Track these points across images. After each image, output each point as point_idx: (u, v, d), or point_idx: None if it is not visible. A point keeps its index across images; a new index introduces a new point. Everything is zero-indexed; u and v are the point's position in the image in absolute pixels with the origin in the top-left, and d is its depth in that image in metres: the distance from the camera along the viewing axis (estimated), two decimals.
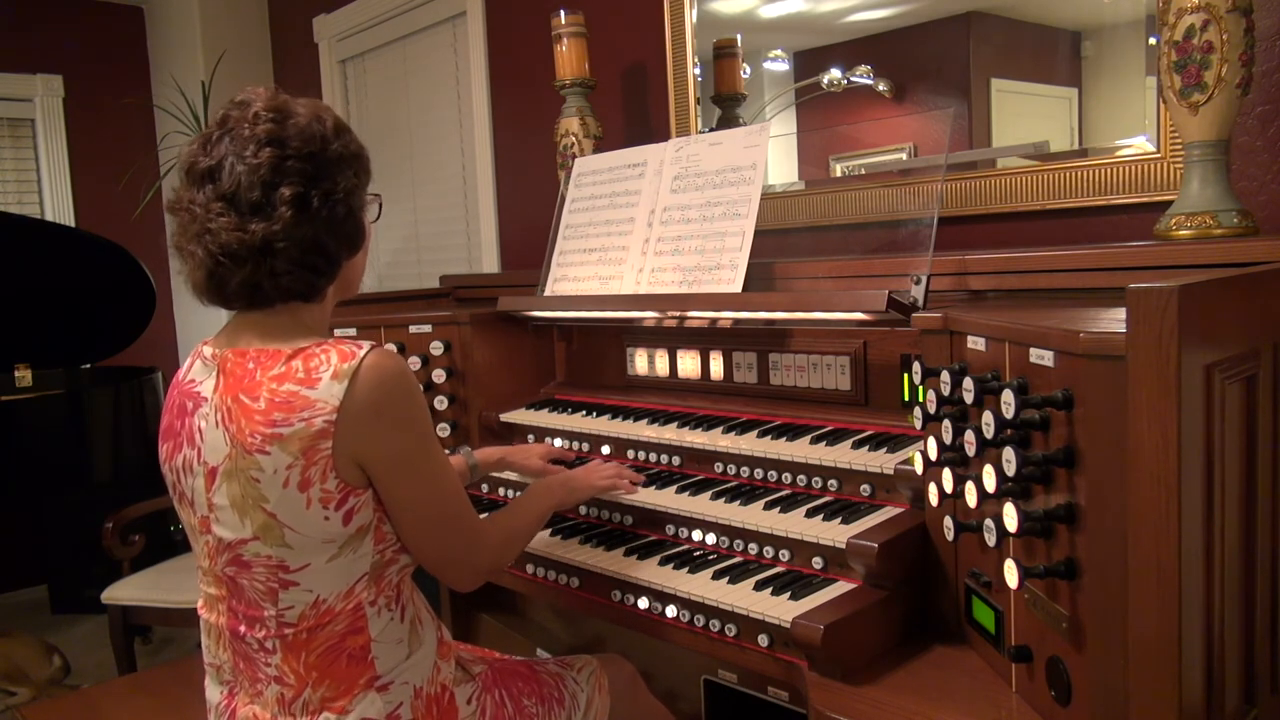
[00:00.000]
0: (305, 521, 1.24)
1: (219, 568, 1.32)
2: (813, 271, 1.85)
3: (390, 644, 1.33)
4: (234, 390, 1.27)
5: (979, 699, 1.26)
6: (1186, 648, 0.96)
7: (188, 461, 1.31)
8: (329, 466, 1.23)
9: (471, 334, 2.26)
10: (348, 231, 1.34)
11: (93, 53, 4.65)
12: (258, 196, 1.25)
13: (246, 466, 1.24)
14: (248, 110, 1.28)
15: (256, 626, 1.30)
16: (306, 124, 1.29)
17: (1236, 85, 1.43)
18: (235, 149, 1.26)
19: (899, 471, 1.53)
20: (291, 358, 1.26)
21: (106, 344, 4.00)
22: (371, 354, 1.26)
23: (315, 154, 1.28)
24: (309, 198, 1.27)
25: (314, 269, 1.31)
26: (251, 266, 1.26)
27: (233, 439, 1.25)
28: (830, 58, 2.25)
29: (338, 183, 1.30)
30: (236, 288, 1.28)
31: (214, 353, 1.33)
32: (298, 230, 1.26)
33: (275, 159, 1.25)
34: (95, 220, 4.45)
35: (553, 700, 1.54)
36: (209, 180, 1.27)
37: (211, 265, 1.27)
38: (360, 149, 1.37)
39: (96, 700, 2.19)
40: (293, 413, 1.22)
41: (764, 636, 1.44)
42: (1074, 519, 1.10)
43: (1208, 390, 0.99)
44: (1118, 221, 1.80)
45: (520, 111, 3.25)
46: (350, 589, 1.29)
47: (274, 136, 1.26)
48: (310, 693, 1.29)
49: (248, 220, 1.25)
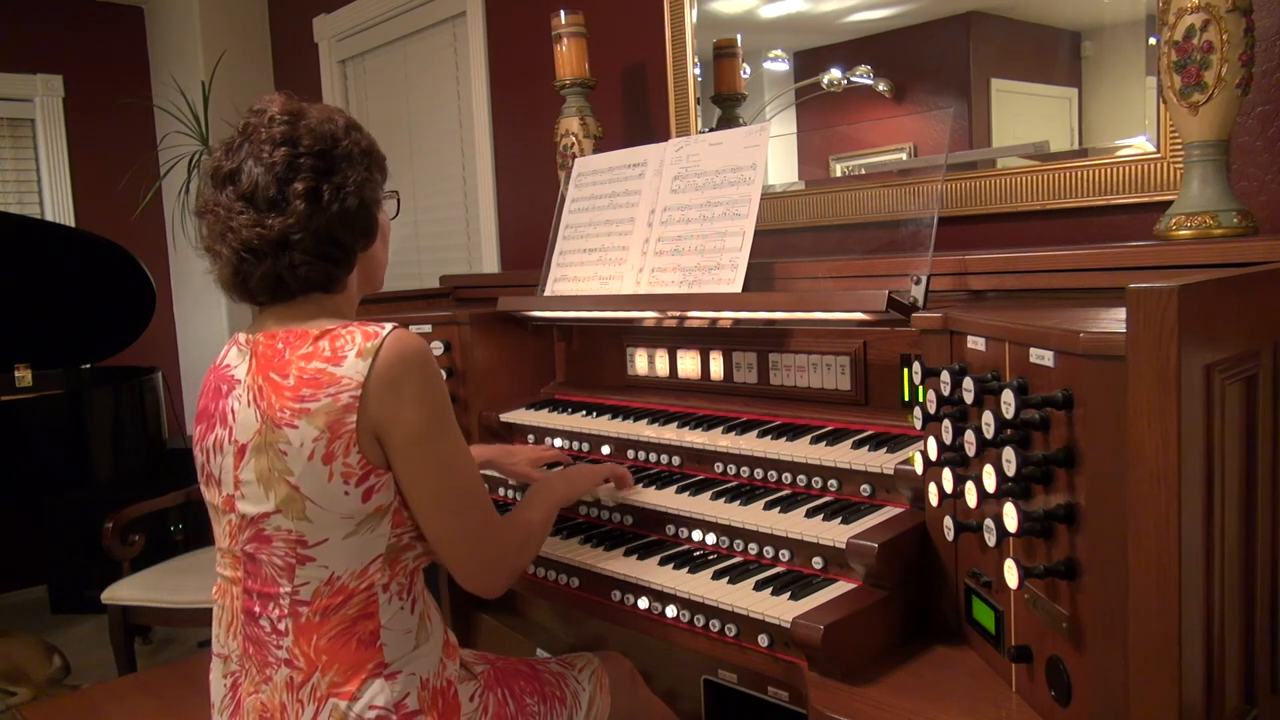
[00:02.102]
0: (326, 495, 1.29)
1: (239, 545, 1.36)
2: (813, 271, 1.85)
3: (399, 632, 1.35)
4: (265, 370, 1.33)
5: (979, 699, 1.26)
6: (1186, 648, 0.97)
7: (219, 441, 1.37)
8: (352, 441, 1.28)
9: (471, 334, 2.26)
10: (360, 222, 1.41)
11: (93, 53, 4.65)
12: (274, 193, 1.33)
13: (275, 440, 1.29)
14: (264, 116, 1.37)
15: (270, 605, 1.33)
16: (318, 123, 1.38)
17: (1236, 85, 1.43)
18: (253, 151, 1.35)
19: (899, 471, 1.53)
20: (319, 338, 1.33)
21: (106, 344, 4.00)
22: (394, 332, 1.33)
23: (326, 150, 1.36)
24: (320, 191, 1.35)
25: (330, 259, 1.37)
26: (271, 260, 1.34)
27: (263, 415, 1.31)
28: (830, 58, 2.25)
29: (348, 176, 1.38)
30: (259, 281, 1.36)
31: (248, 339, 1.40)
32: (311, 222, 1.34)
33: (289, 157, 1.34)
34: (95, 220, 4.45)
35: (554, 699, 1.55)
36: (230, 182, 1.36)
37: (236, 262, 1.35)
38: (372, 145, 1.45)
39: (96, 700, 2.19)
40: (320, 389, 1.28)
41: (764, 636, 1.44)
42: (1074, 519, 1.10)
43: (1208, 390, 0.99)
44: (1118, 221, 1.80)
45: (520, 111, 3.25)
46: (365, 568, 1.32)
47: (287, 136, 1.35)
48: (319, 677, 1.31)
49: (265, 216, 1.33)
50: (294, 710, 1.31)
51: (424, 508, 1.35)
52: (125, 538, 3.04)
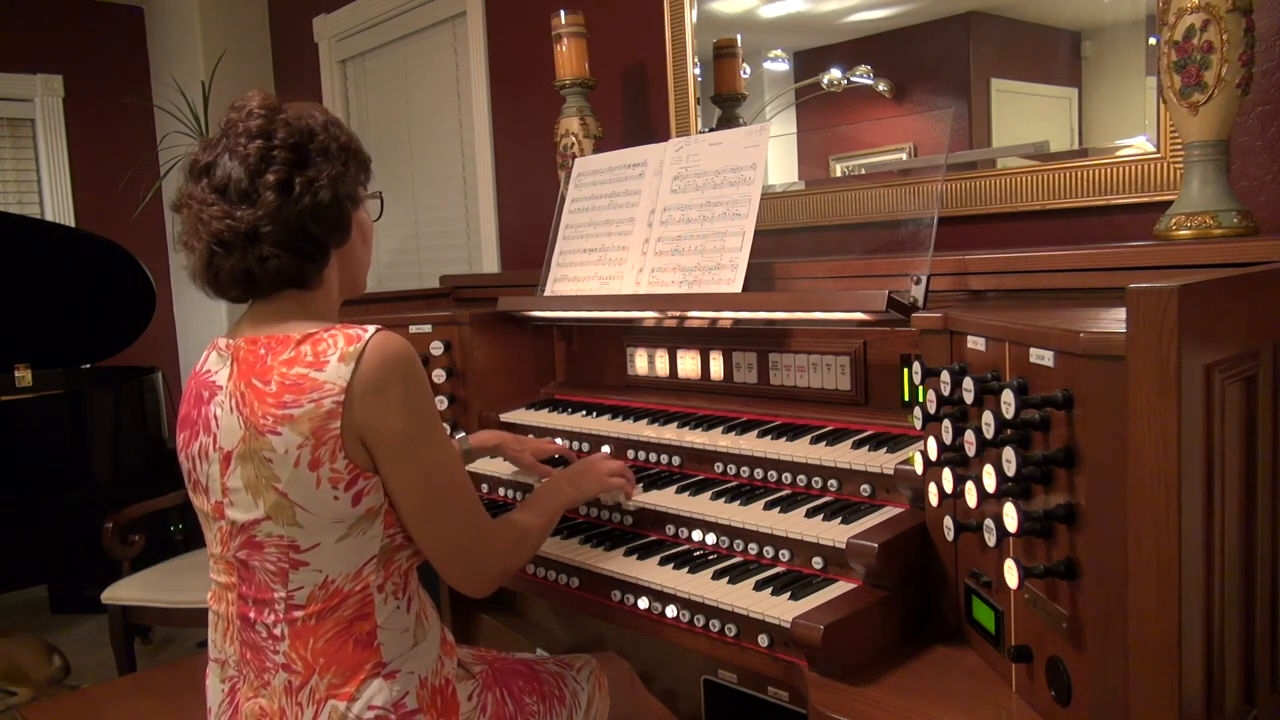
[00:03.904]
0: (315, 501, 1.28)
1: (231, 552, 1.35)
2: (813, 271, 1.85)
3: (395, 632, 1.35)
4: (247, 376, 1.31)
5: (979, 699, 1.26)
6: (1186, 648, 0.97)
7: (204, 448, 1.35)
8: (338, 447, 1.27)
9: (471, 334, 2.26)
10: (333, 218, 1.37)
11: (93, 53, 4.65)
12: (246, 185, 1.31)
13: (259, 448, 1.27)
14: (243, 111, 1.36)
15: (266, 611, 1.32)
16: (295, 118, 1.36)
17: (1236, 85, 1.43)
18: (229, 144, 1.34)
19: (899, 471, 1.53)
20: (300, 342, 1.31)
21: (107, 344, 4.00)
22: (377, 335, 1.30)
23: (300, 144, 1.34)
24: (292, 183, 1.32)
25: (301, 253, 1.35)
26: (240, 253, 1.31)
27: (246, 422, 1.29)
28: (830, 58, 2.25)
29: (322, 170, 1.35)
30: (229, 275, 1.34)
31: (228, 344, 1.38)
32: (281, 214, 1.31)
33: (262, 149, 1.32)
34: (95, 220, 4.45)
35: (554, 698, 1.54)
36: (205, 175, 1.34)
37: (207, 255, 1.33)
38: (350, 141, 1.42)
39: (96, 700, 2.19)
40: (302, 394, 1.27)
41: (764, 636, 1.44)
42: (1074, 519, 1.10)
43: (1208, 390, 0.99)
44: (1118, 221, 1.80)
45: (520, 111, 3.25)
46: (359, 570, 1.32)
47: (262, 130, 1.33)
48: (317, 679, 1.30)
49: (236, 208, 1.31)
50: (293, 714, 1.30)
51: (410, 511, 1.34)
52: (125, 538, 3.04)
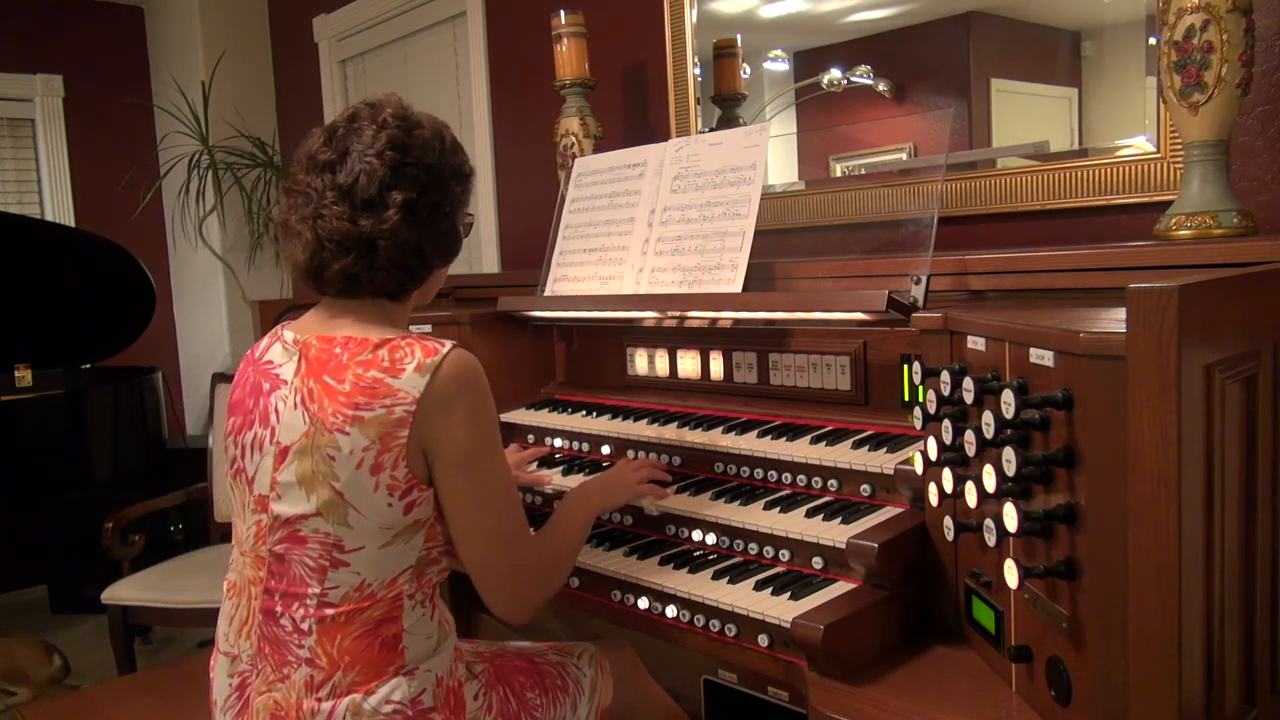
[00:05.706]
0: (370, 504, 1.30)
1: (267, 546, 1.35)
2: (813, 271, 1.85)
3: (420, 637, 1.37)
4: (318, 373, 1.33)
5: (979, 699, 1.26)
6: (1186, 648, 0.97)
7: (258, 439, 1.36)
8: (401, 455, 1.29)
9: (471, 334, 2.26)
10: (446, 242, 1.44)
11: (93, 53, 4.64)
12: (373, 194, 1.34)
13: (324, 444, 1.29)
14: (377, 113, 1.38)
15: (295, 605, 1.33)
16: (430, 137, 1.39)
17: (1236, 85, 1.43)
18: (359, 147, 1.35)
19: (899, 471, 1.53)
20: (378, 347, 1.33)
21: (107, 344, 4.00)
22: (455, 351, 1.34)
23: (432, 165, 1.38)
24: (418, 205, 1.36)
25: (408, 270, 1.39)
26: (353, 257, 1.34)
27: (313, 418, 1.31)
28: (830, 58, 2.25)
29: (445, 196, 1.40)
30: (334, 275, 1.36)
31: (295, 338, 1.39)
32: (403, 232, 1.35)
33: (395, 163, 1.35)
34: (95, 220, 4.44)
35: (556, 689, 1.55)
36: (329, 170, 1.36)
37: (317, 248, 1.35)
38: (471, 171, 1.47)
39: (96, 700, 2.19)
40: (375, 398, 1.29)
41: (764, 636, 1.44)
42: (1074, 519, 1.10)
43: (1208, 390, 0.99)
44: (1118, 221, 1.80)
45: (520, 111, 3.25)
46: (394, 578, 1.34)
47: (397, 142, 1.35)
48: (340, 676, 1.32)
49: (359, 214, 1.33)
50: (310, 708, 1.31)
51: (461, 525, 1.36)
52: (125, 538, 3.04)
